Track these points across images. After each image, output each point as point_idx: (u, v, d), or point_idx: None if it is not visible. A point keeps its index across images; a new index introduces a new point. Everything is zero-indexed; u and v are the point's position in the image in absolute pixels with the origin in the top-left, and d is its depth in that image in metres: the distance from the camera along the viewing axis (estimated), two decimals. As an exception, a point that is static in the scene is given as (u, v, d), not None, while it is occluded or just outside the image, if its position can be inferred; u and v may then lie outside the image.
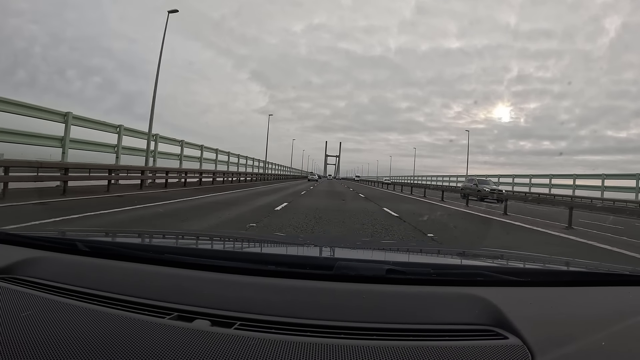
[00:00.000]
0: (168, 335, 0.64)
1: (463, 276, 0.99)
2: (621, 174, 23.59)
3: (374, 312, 0.77)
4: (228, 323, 0.70)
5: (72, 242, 1.08)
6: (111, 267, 0.94)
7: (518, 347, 0.66)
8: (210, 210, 8.29)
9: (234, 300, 0.79)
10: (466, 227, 8.18)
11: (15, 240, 1.09)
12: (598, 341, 0.67)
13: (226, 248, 1.42)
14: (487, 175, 33.63)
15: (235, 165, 27.44)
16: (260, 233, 4.36)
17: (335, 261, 0.98)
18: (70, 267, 0.94)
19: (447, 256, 1.53)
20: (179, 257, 0.96)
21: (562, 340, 0.67)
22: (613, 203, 18.09)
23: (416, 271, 0.95)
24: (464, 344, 0.67)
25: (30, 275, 0.88)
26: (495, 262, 1.34)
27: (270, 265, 0.93)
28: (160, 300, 0.78)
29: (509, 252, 1.76)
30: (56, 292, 0.81)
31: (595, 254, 5.57)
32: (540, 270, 1.18)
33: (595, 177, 24.64)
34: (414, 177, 61.24)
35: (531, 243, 6.48)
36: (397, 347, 0.64)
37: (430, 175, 53.66)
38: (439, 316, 0.77)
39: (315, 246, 1.43)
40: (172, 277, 0.88)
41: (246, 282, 0.87)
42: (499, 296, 0.82)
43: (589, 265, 1.27)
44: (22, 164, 8.95)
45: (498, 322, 0.74)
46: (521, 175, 32.22)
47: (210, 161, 23.67)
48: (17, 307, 0.73)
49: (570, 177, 26.14)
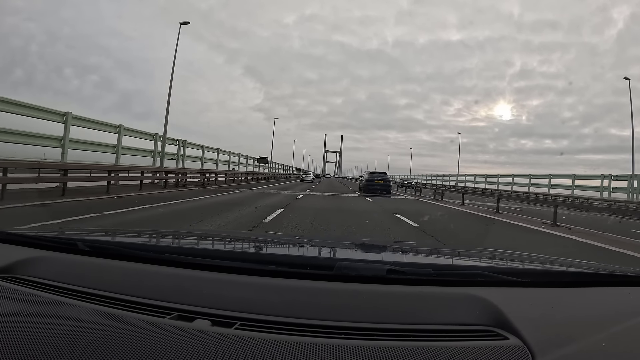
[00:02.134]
0: (168, 335, 0.64)
1: (463, 276, 0.99)
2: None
3: (374, 313, 0.77)
4: (228, 323, 0.70)
5: (73, 242, 1.08)
6: (112, 267, 0.94)
7: (518, 347, 0.66)
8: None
9: (234, 300, 0.79)
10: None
11: (16, 239, 1.09)
12: (598, 342, 0.67)
13: (227, 248, 1.42)
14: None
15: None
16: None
17: (336, 261, 0.98)
18: (71, 267, 0.94)
19: (448, 256, 1.53)
20: (179, 257, 0.96)
21: (562, 340, 0.68)
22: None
23: (416, 271, 0.95)
24: (465, 345, 0.67)
25: (31, 274, 0.88)
26: (496, 263, 1.34)
27: (270, 265, 0.93)
28: (160, 300, 0.78)
29: (510, 253, 1.76)
30: (57, 291, 0.81)
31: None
32: (540, 270, 1.18)
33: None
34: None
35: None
36: (397, 347, 0.64)
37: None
38: (439, 316, 0.77)
39: (315, 246, 1.43)
40: (173, 277, 0.88)
41: (246, 282, 0.87)
42: (499, 296, 0.82)
43: (589, 265, 1.27)
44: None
45: (498, 323, 0.74)
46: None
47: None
48: (17, 307, 0.73)
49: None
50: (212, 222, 6.39)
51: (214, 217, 7.14)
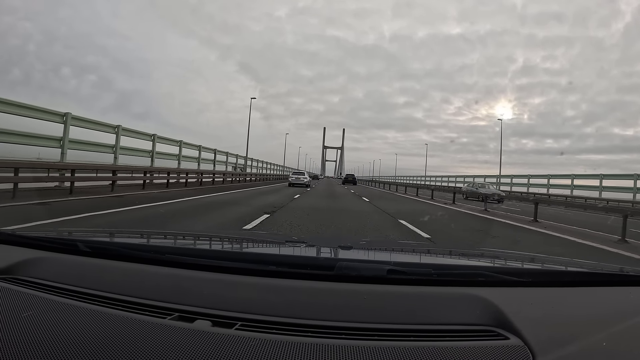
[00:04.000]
0: (169, 336, 0.64)
1: (464, 276, 0.99)
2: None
3: (375, 313, 0.77)
4: (229, 323, 0.70)
5: (73, 243, 1.08)
6: (112, 268, 0.94)
7: (519, 347, 0.66)
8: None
9: (234, 300, 0.79)
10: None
11: (16, 240, 1.09)
12: (599, 341, 0.67)
13: (227, 248, 1.42)
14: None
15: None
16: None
17: (336, 261, 0.98)
18: (71, 268, 0.94)
19: (448, 256, 1.53)
20: (180, 257, 0.96)
21: (563, 340, 0.68)
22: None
23: (417, 271, 0.95)
24: (465, 345, 0.67)
25: (31, 275, 0.88)
26: (496, 263, 1.34)
27: (271, 265, 0.93)
28: (161, 301, 0.78)
29: (510, 253, 1.76)
30: (57, 292, 0.81)
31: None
32: (541, 270, 1.18)
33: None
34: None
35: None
36: (398, 347, 0.64)
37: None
38: (440, 316, 0.77)
39: (316, 246, 1.43)
40: (173, 278, 0.88)
41: (247, 282, 0.87)
42: (499, 296, 0.82)
43: (589, 265, 1.27)
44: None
45: (499, 323, 0.74)
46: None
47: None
48: (18, 308, 0.73)
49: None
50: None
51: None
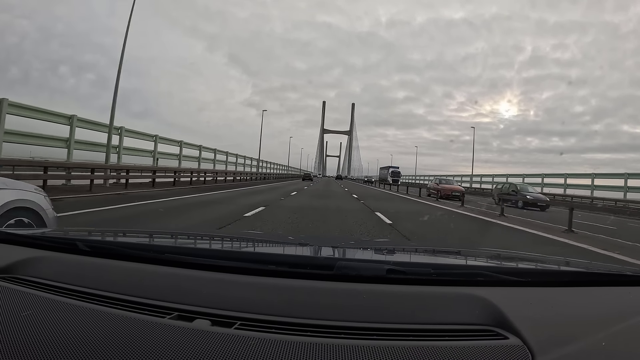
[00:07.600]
0: (168, 335, 0.64)
1: (463, 276, 0.99)
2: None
3: (374, 312, 0.77)
4: (228, 323, 0.70)
5: (73, 242, 1.08)
6: (111, 267, 0.94)
7: (518, 347, 0.66)
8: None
9: (234, 300, 0.79)
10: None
11: (16, 239, 1.10)
12: (599, 341, 0.67)
13: (226, 248, 1.42)
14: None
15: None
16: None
17: (336, 261, 0.98)
18: (71, 267, 0.94)
19: (448, 256, 1.53)
20: (179, 256, 0.96)
21: (562, 340, 0.67)
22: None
23: (416, 271, 0.95)
24: (464, 344, 0.67)
25: (31, 274, 0.88)
26: (496, 262, 1.34)
27: (270, 265, 0.93)
28: (160, 300, 0.78)
29: (510, 252, 1.76)
30: (56, 291, 0.81)
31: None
32: (540, 270, 1.18)
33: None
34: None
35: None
36: (397, 347, 0.64)
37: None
38: (439, 316, 0.77)
39: (315, 246, 1.43)
40: (173, 277, 0.88)
41: (246, 281, 0.87)
42: (499, 296, 0.82)
43: (589, 265, 1.27)
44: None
45: (498, 322, 0.74)
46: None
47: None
48: (17, 307, 0.73)
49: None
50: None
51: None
